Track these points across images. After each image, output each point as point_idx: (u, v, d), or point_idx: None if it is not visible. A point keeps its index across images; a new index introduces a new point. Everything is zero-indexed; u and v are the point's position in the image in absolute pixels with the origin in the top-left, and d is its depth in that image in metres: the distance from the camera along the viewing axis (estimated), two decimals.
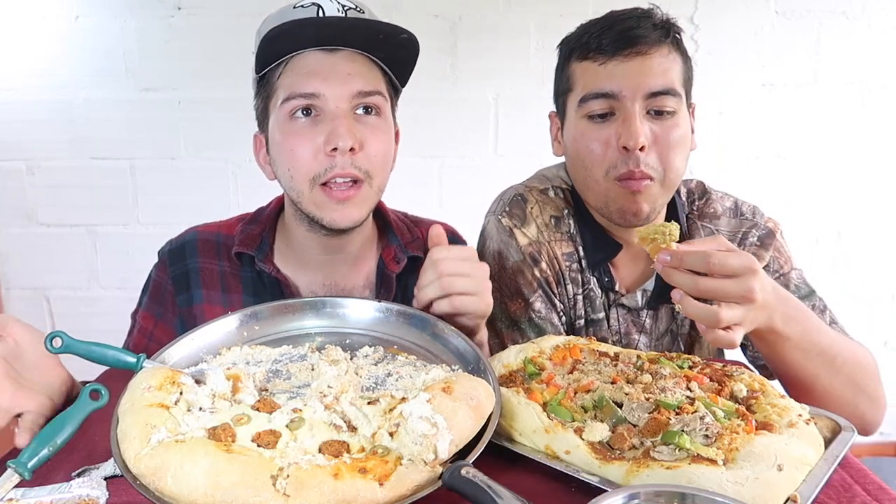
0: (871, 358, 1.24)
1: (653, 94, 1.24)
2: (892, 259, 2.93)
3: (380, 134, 1.24)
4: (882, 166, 2.83)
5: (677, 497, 0.70)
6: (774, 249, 1.38)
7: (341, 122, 1.18)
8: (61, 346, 0.93)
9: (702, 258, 0.97)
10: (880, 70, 2.73)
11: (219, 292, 1.36)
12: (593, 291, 1.41)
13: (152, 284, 1.41)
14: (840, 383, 1.12)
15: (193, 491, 0.71)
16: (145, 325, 1.39)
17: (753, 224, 1.40)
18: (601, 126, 1.27)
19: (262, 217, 1.41)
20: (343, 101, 1.19)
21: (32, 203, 2.69)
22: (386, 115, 1.27)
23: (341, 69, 1.19)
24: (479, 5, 2.60)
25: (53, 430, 0.82)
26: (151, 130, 2.64)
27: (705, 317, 0.99)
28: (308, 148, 1.19)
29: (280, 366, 1.03)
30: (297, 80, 1.20)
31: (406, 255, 1.39)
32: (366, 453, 0.79)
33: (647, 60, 1.24)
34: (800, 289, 1.35)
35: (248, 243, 1.35)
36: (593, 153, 1.28)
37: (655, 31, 1.26)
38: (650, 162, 1.25)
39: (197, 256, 1.38)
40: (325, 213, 1.23)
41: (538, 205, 1.43)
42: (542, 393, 0.97)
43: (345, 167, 1.19)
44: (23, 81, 2.59)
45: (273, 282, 1.34)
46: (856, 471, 0.86)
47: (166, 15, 2.56)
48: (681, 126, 1.28)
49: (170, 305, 1.38)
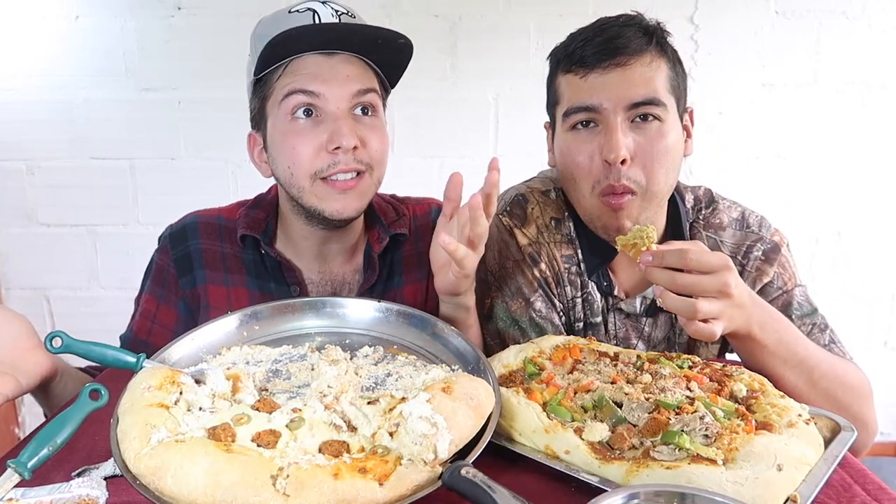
0: (863, 380, 1.24)
1: (634, 104, 1.23)
2: (892, 259, 2.93)
3: (378, 132, 1.28)
4: (882, 166, 2.83)
5: (677, 497, 0.70)
6: (779, 265, 1.37)
7: (343, 123, 1.21)
8: (61, 345, 0.93)
9: (680, 255, 1.04)
10: (880, 70, 2.73)
11: (221, 273, 1.38)
12: (592, 295, 1.41)
13: (155, 268, 1.43)
14: (817, 396, 1.14)
15: (193, 491, 0.71)
16: (148, 308, 1.41)
17: (759, 238, 1.38)
18: (586, 139, 1.27)
19: (264, 203, 1.43)
20: (343, 102, 1.22)
21: (32, 203, 2.70)
22: (380, 114, 1.31)
23: (340, 71, 1.23)
24: (479, 5, 2.60)
25: (53, 429, 0.82)
26: (151, 130, 2.64)
27: (684, 308, 1.05)
28: (310, 147, 1.22)
29: (280, 366, 1.03)
30: (296, 80, 1.22)
31: (388, 234, 1.42)
32: (366, 453, 0.79)
33: (627, 71, 1.23)
34: (802, 307, 1.35)
35: (253, 226, 1.37)
36: (580, 166, 1.29)
37: (638, 38, 1.24)
38: (632, 175, 1.24)
39: (199, 238, 1.40)
40: (328, 204, 1.25)
41: (539, 206, 1.44)
42: (541, 393, 0.97)
43: (348, 163, 1.22)
44: (23, 81, 2.59)
45: (275, 265, 1.37)
46: (855, 471, 0.86)
47: (166, 15, 2.56)
48: (667, 134, 1.25)
49: (173, 288, 1.40)
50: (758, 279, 1.37)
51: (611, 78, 1.23)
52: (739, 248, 1.39)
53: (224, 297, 1.37)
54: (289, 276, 1.37)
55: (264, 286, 1.38)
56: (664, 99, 1.24)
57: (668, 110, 1.25)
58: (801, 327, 1.31)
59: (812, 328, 1.33)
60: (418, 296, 1.44)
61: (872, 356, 3.02)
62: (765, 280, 1.37)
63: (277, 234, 1.41)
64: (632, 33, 1.25)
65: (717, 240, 1.40)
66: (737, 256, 1.38)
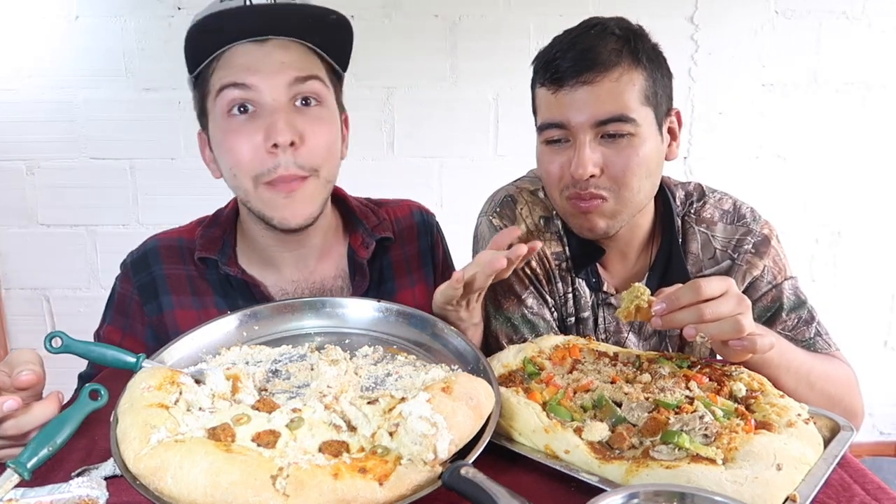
0: (849, 372, 1.27)
1: (601, 122, 1.22)
2: (892, 259, 2.93)
3: (322, 124, 1.19)
4: (882, 166, 2.83)
5: (677, 497, 0.70)
6: (769, 258, 1.37)
7: (279, 116, 1.13)
8: (61, 346, 0.93)
9: (692, 288, 1.00)
10: (880, 70, 2.74)
11: (189, 296, 1.32)
12: (580, 291, 1.42)
13: (116, 298, 1.37)
14: (815, 398, 1.13)
15: (193, 491, 0.71)
16: (111, 339, 1.33)
17: (748, 231, 1.39)
18: (557, 151, 1.29)
19: (221, 219, 1.37)
20: (278, 93, 1.14)
21: (32, 203, 2.70)
22: (327, 103, 1.22)
23: (273, 58, 1.14)
24: (479, 5, 2.60)
25: (53, 430, 0.83)
26: (151, 130, 2.64)
27: (730, 328, 1.00)
28: (248, 146, 1.15)
29: (280, 366, 1.03)
30: (228, 73, 1.15)
31: (374, 239, 1.37)
32: (365, 453, 0.79)
33: (595, 89, 1.22)
34: (790, 301, 1.35)
35: (209, 247, 1.31)
36: (550, 175, 1.31)
37: (609, 50, 1.23)
38: (601, 184, 1.26)
39: (161, 263, 1.34)
40: (275, 211, 1.19)
41: (528, 205, 1.45)
42: (541, 393, 0.98)
43: (288, 167, 1.15)
44: (23, 81, 2.59)
45: (241, 283, 1.30)
46: (855, 470, 0.86)
47: (166, 15, 2.56)
48: (639, 147, 1.24)
49: (137, 316, 1.34)
50: (748, 272, 1.37)
51: (579, 95, 1.23)
52: (730, 243, 1.39)
53: (195, 320, 1.22)
54: (256, 293, 1.29)
55: (233, 304, 1.29)
56: (635, 113, 1.23)
57: (638, 124, 1.23)
58: (788, 321, 1.33)
59: (798, 322, 1.33)
60: (413, 300, 1.38)
61: (872, 356, 3.02)
62: (755, 273, 1.36)
63: (239, 248, 1.35)
64: (603, 45, 1.23)
65: (709, 234, 1.40)
66: (727, 251, 1.38)
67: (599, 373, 1.06)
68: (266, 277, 1.33)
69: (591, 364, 1.10)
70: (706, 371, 1.06)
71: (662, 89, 1.29)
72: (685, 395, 0.96)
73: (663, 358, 1.11)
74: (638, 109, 1.23)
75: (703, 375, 1.04)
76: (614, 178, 1.25)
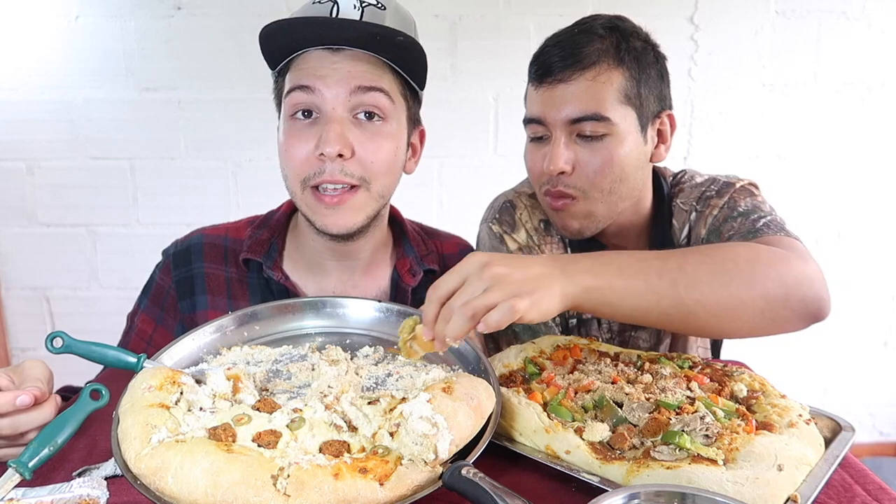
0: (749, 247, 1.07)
1: (574, 120, 1.23)
2: (892, 259, 2.93)
3: (379, 140, 1.19)
4: (882, 166, 2.83)
5: (677, 497, 0.70)
6: (729, 195, 1.30)
7: (332, 127, 1.15)
8: (61, 346, 0.93)
9: (428, 297, 0.89)
10: (880, 70, 2.74)
11: (224, 298, 1.33)
12: None
13: (154, 287, 1.38)
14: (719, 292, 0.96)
15: (194, 491, 0.71)
16: (144, 329, 1.35)
17: (714, 181, 1.36)
18: (539, 147, 1.31)
19: (271, 221, 1.38)
20: (339, 101, 1.16)
21: (32, 203, 2.70)
22: (392, 118, 1.21)
23: (341, 66, 1.16)
24: (479, 5, 2.60)
25: (54, 429, 0.83)
26: (151, 130, 2.64)
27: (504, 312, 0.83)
28: (301, 150, 1.17)
29: (280, 366, 1.03)
30: (298, 75, 1.18)
31: (422, 269, 1.36)
32: (366, 453, 0.79)
33: (571, 87, 1.23)
34: (741, 209, 1.25)
35: (256, 249, 1.32)
36: (532, 171, 1.35)
37: (590, 49, 1.22)
38: (572, 182, 1.27)
39: (203, 261, 1.35)
40: (317, 217, 1.21)
41: (527, 210, 1.45)
42: (542, 393, 0.98)
43: (333, 174, 1.16)
44: (23, 81, 2.59)
45: (281, 289, 1.31)
46: (856, 471, 0.86)
47: (166, 15, 2.56)
48: (615, 149, 1.24)
49: (171, 310, 1.35)
50: (709, 215, 1.31)
51: (556, 93, 1.25)
52: (699, 199, 1.35)
53: None
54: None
55: None
56: (610, 113, 1.22)
57: (613, 123, 1.23)
58: (736, 224, 1.23)
59: (741, 218, 1.24)
60: None
61: (872, 356, 3.02)
62: (714, 213, 1.30)
63: (288, 253, 1.35)
64: (584, 44, 1.23)
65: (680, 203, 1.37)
66: (696, 207, 1.35)
67: (600, 373, 1.06)
68: (308, 285, 1.34)
69: (592, 364, 1.10)
70: (707, 371, 1.06)
71: (649, 90, 1.27)
72: (686, 395, 0.96)
73: (664, 358, 1.11)
74: (615, 109, 1.23)
75: (704, 376, 1.04)
76: (585, 177, 1.26)
